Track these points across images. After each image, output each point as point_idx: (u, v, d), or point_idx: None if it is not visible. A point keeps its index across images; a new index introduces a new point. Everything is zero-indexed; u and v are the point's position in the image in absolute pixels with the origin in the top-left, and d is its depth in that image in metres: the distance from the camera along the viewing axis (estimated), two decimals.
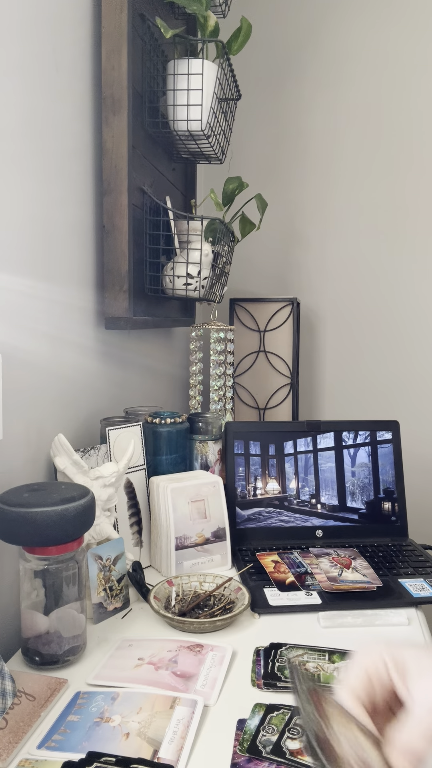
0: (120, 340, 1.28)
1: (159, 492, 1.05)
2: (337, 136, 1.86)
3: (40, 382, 0.94)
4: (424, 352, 1.86)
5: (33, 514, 0.72)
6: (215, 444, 1.22)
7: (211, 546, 1.06)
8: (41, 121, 0.92)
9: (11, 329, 0.86)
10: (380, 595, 0.96)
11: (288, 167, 1.90)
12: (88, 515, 0.77)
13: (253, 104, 1.89)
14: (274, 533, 1.17)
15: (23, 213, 0.88)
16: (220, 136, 1.36)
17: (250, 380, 1.78)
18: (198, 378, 1.48)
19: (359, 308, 1.90)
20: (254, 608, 0.92)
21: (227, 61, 1.30)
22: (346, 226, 1.88)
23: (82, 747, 0.62)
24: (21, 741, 0.63)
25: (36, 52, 0.90)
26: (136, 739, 0.63)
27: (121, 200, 1.10)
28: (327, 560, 1.07)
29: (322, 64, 1.85)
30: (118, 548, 0.92)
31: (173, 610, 0.91)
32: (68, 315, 1.04)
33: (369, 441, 1.23)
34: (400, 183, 1.83)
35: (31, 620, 0.77)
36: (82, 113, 1.06)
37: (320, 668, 0.76)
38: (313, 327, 1.93)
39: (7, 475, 0.85)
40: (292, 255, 1.93)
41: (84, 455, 1.00)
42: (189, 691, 0.71)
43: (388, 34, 1.80)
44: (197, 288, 1.31)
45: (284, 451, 1.21)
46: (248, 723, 0.66)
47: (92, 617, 0.88)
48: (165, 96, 1.25)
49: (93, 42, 1.09)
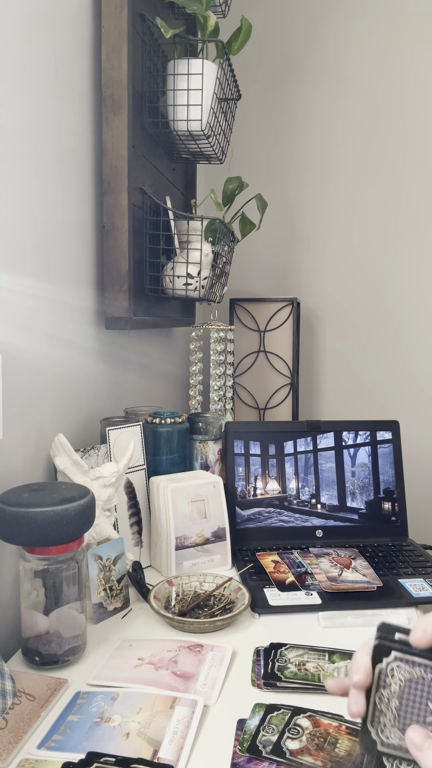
0: (120, 340, 1.28)
1: (159, 492, 1.05)
2: (338, 135, 1.86)
3: (40, 382, 0.94)
4: (424, 352, 1.86)
5: (33, 514, 0.72)
6: (215, 444, 1.22)
7: (211, 546, 1.06)
8: (41, 121, 0.92)
9: (11, 329, 0.86)
10: (380, 595, 0.96)
11: (288, 167, 1.90)
12: (88, 515, 0.77)
13: (253, 104, 1.89)
14: (274, 533, 1.17)
15: (23, 213, 0.88)
16: (220, 136, 1.36)
17: (250, 380, 1.78)
18: (198, 378, 1.48)
19: (359, 308, 1.90)
20: (254, 608, 0.92)
21: (227, 61, 1.30)
22: (346, 226, 1.88)
23: (82, 747, 0.62)
24: (21, 741, 0.63)
25: (36, 52, 0.90)
26: (136, 739, 0.63)
27: (121, 200, 1.10)
28: (327, 560, 1.07)
29: (322, 63, 1.85)
30: (118, 548, 0.92)
31: (173, 610, 0.91)
32: (68, 315, 1.04)
33: (369, 441, 1.23)
34: (400, 183, 1.83)
35: (31, 620, 0.77)
36: (82, 113, 1.06)
37: (320, 668, 0.76)
38: (313, 327, 1.93)
39: (7, 475, 0.85)
40: (292, 255, 1.93)
41: (84, 455, 1.00)
42: (189, 691, 0.71)
43: (388, 35, 1.80)
44: (197, 288, 1.31)
45: (284, 451, 1.21)
46: (248, 723, 0.66)
47: (92, 617, 0.88)
48: (165, 96, 1.25)
49: (93, 42, 1.09)
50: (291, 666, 0.77)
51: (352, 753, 0.60)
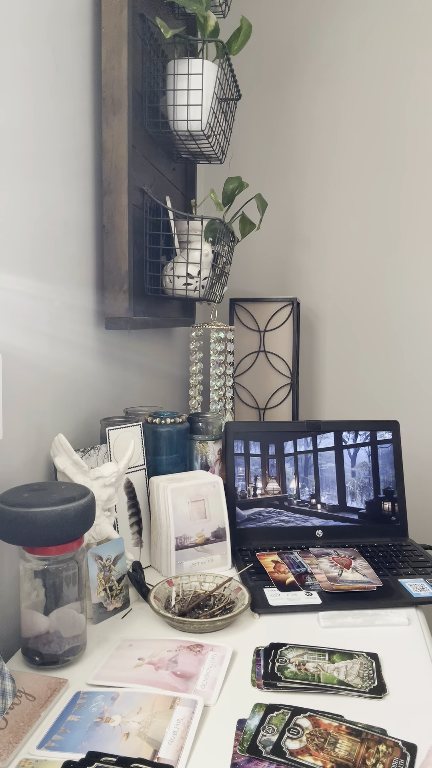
0: (120, 340, 1.28)
1: (159, 492, 1.05)
2: (337, 135, 1.86)
3: (40, 382, 0.94)
4: (424, 352, 1.86)
5: (33, 514, 0.72)
6: (215, 444, 1.22)
7: (211, 546, 1.06)
8: (41, 121, 0.92)
9: (11, 329, 0.86)
10: (380, 595, 0.96)
11: (288, 167, 1.90)
12: (88, 515, 0.77)
13: (253, 104, 1.89)
14: (274, 533, 1.17)
15: (23, 213, 0.88)
16: (220, 136, 1.36)
17: (250, 380, 1.78)
18: (198, 378, 1.48)
19: (359, 308, 1.90)
20: (254, 608, 0.92)
21: (227, 61, 1.30)
22: (346, 226, 1.88)
23: (82, 747, 0.62)
24: (21, 741, 0.63)
25: (36, 52, 0.90)
26: (136, 739, 0.63)
27: (121, 200, 1.10)
28: (327, 560, 1.07)
29: (322, 63, 1.85)
30: (118, 548, 0.92)
31: (173, 610, 0.91)
32: (68, 315, 1.04)
33: (369, 441, 1.23)
34: (400, 183, 1.83)
35: (31, 620, 0.77)
36: (82, 113, 1.06)
37: (320, 668, 0.76)
38: (313, 327, 1.93)
39: (7, 475, 0.85)
40: (292, 255, 1.93)
41: (84, 455, 1.00)
42: (189, 691, 0.71)
43: (388, 34, 1.80)
44: (197, 288, 1.31)
45: (284, 451, 1.21)
46: (248, 723, 0.66)
47: (92, 617, 0.88)
48: (165, 96, 1.25)
49: (93, 42, 1.09)
50: (291, 666, 0.77)
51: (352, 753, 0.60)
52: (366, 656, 0.79)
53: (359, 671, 0.76)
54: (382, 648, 0.82)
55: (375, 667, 0.77)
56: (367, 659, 0.79)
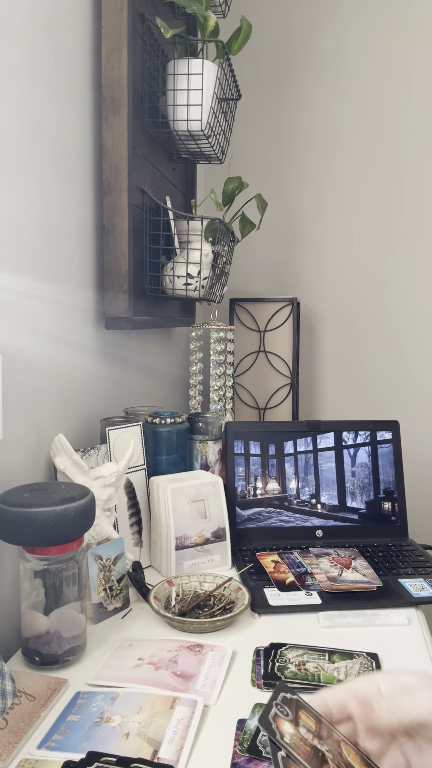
0: (120, 340, 1.28)
1: (159, 492, 1.05)
2: (337, 135, 1.86)
3: (40, 382, 0.94)
4: (424, 352, 1.86)
5: (33, 514, 0.72)
6: (215, 444, 1.22)
7: (211, 546, 1.06)
8: (41, 121, 0.92)
9: (11, 329, 0.86)
10: (380, 595, 0.96)
11: (288, 167, 1.90)
12: (88, 515, 0.77)
13: (253, 104, 1.89)
14: (274, 533, 1.17)
15: (23, 213, 0.88)
16: (220, 136, 1.36)
17: (250, 380, 1.78)
18: (198, 378, 1.48)
19: (359, 308, 1.90)
20: (254, 608, 0.92)
21: (227, 61, 1.30)
22: (345, 226, 1.88)
23: (82, 747, 0.62)
24: (21, 741, 0.63)
25: (36, 52, 0.90)
26: (136, 739, 0.63)
27: (121, 200, 1.10)
28: (327, 560, 1.07)
29: (322, 63, 1.85)
30: (118, 548, 0.92)
31: (173, 610, 0.91)
32: (68, 315, 1.04)
33: (369, 441, 1.23)
34: (399, 183, 1.83)
35: (31, 620, 0.77)
36: (81, 113, 1.06)
37: (320, 668, 0.77)
38: (313, 327, 1.93)
39: (7, 475, 0.85)
40: (292, 255, 1.93)
41: (84, 455, 1.00)
42: (189, 691, 0.71)
43: (388, 35, 1.80)
44: (197, 288, 1.31)
45: (284, 451, 1.21)
46: (248, 723, 0.66)
47: (92, 617, 0.88)
48: (165, 96, 1.25)
49: (93, 42, 1.09)
50: (291, 666, 0.77)
51: None
52: (366, 656, 0.79)
53: (359, 671, 0.76)
54: (382, 648, 0.82)
55: (375, 667, 0.77)
56: (367, 659, 0.79)
